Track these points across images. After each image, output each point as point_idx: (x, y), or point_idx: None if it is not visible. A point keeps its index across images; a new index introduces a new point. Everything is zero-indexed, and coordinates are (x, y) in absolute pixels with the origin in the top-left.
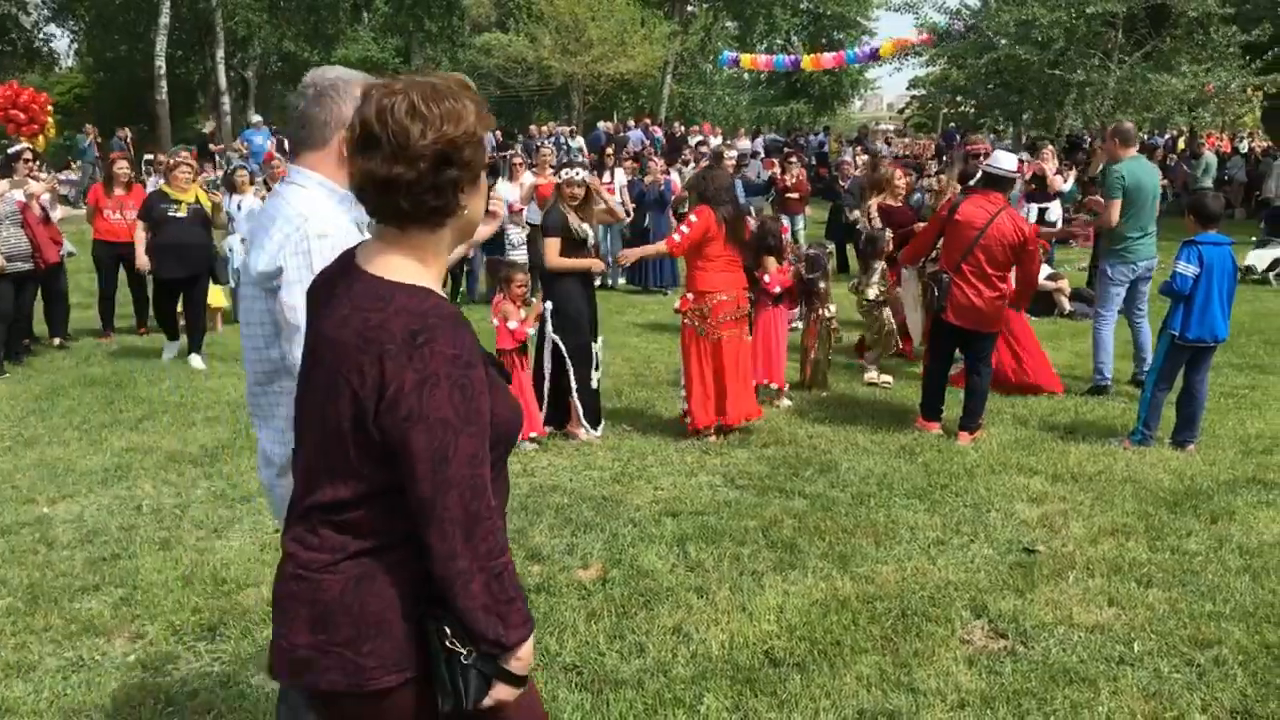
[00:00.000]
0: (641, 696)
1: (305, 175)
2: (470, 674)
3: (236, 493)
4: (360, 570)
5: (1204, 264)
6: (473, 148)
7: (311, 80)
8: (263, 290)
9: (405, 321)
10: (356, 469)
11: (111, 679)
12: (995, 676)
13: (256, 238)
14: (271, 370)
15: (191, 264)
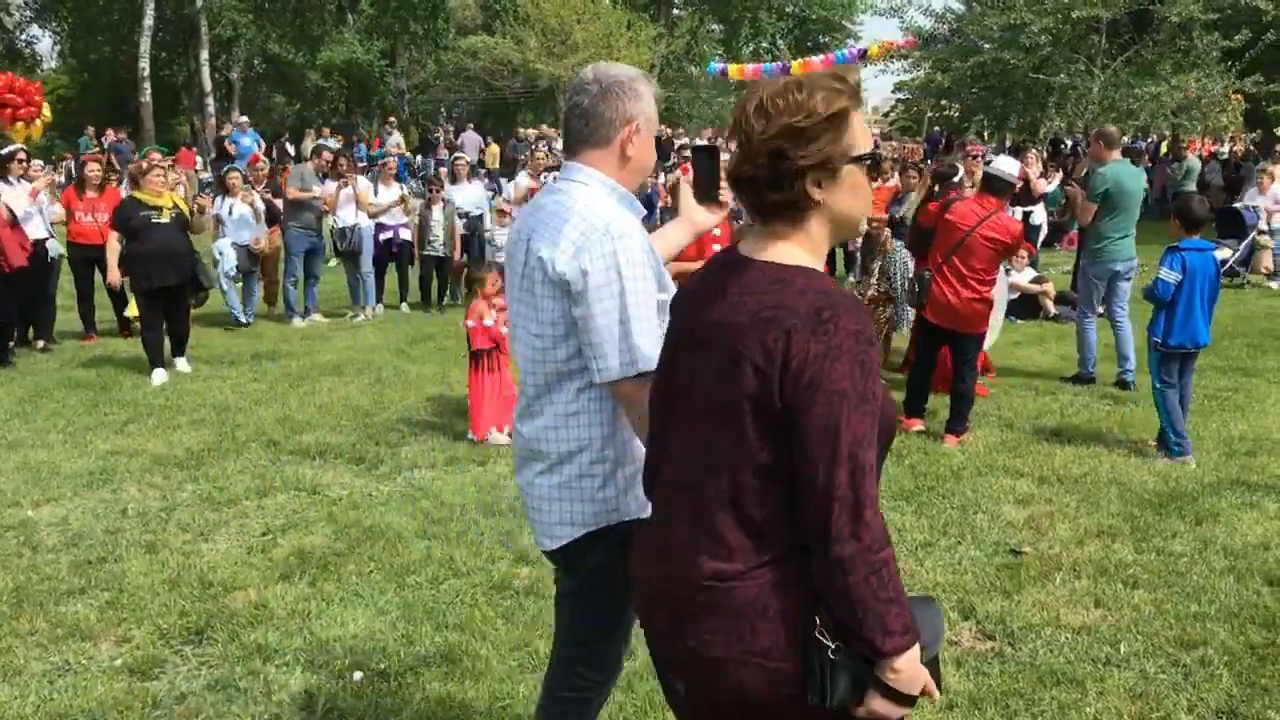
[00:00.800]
0: (631, 699)
1: (587, 173)
2: (837, 671)
3: (223, 496)
4: (775, 576)
5: (1186, 270)
6: (818, 139)
7: (595, 76)
8: (557, 290)
9: (810, 300)
10: (753, 452)
11: (98, 683)
12: (983, 678)
13: (543, 235)
14: (556, 371)
15: (182, 270)
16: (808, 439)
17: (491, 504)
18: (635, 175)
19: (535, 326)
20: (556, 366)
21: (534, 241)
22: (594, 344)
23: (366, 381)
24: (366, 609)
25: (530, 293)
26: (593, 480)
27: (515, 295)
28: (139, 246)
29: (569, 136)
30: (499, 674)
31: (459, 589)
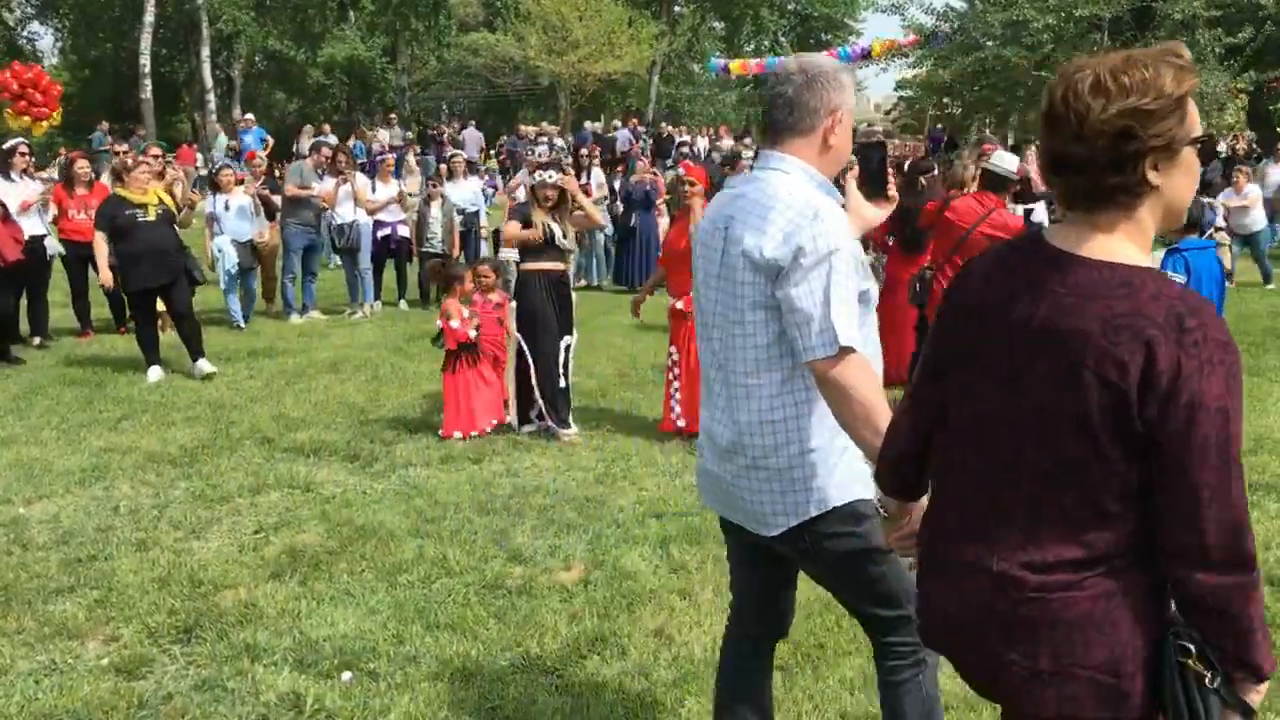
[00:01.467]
0: (622, 700)
1: (788, 161)
2: (1211, 700)
3: (215, 493)
4: (1109, 587)
5: (1190, 272)
6: (1166, 119)
7: (800, 66)
8: (762, 276)
9: (1167, 306)
10: (1091, 463)
11: (84, 682)
12: None
13: (746, 223)
14: (760, 359)
15: (171, 268)
16: (1189, 459)
17: (486, 502)
18: (834, 164)
19: (736, 314)
20: (760, 354)
21: (735, 229)
22: (798, 324)
23: (363, 379)
24: (357, 608)
25: (730, 280)
26: (804, 470)
27: (712, 284)
28: (126, 246)
29: (771, 125)
30: (489, 675)
31: (451, 588)
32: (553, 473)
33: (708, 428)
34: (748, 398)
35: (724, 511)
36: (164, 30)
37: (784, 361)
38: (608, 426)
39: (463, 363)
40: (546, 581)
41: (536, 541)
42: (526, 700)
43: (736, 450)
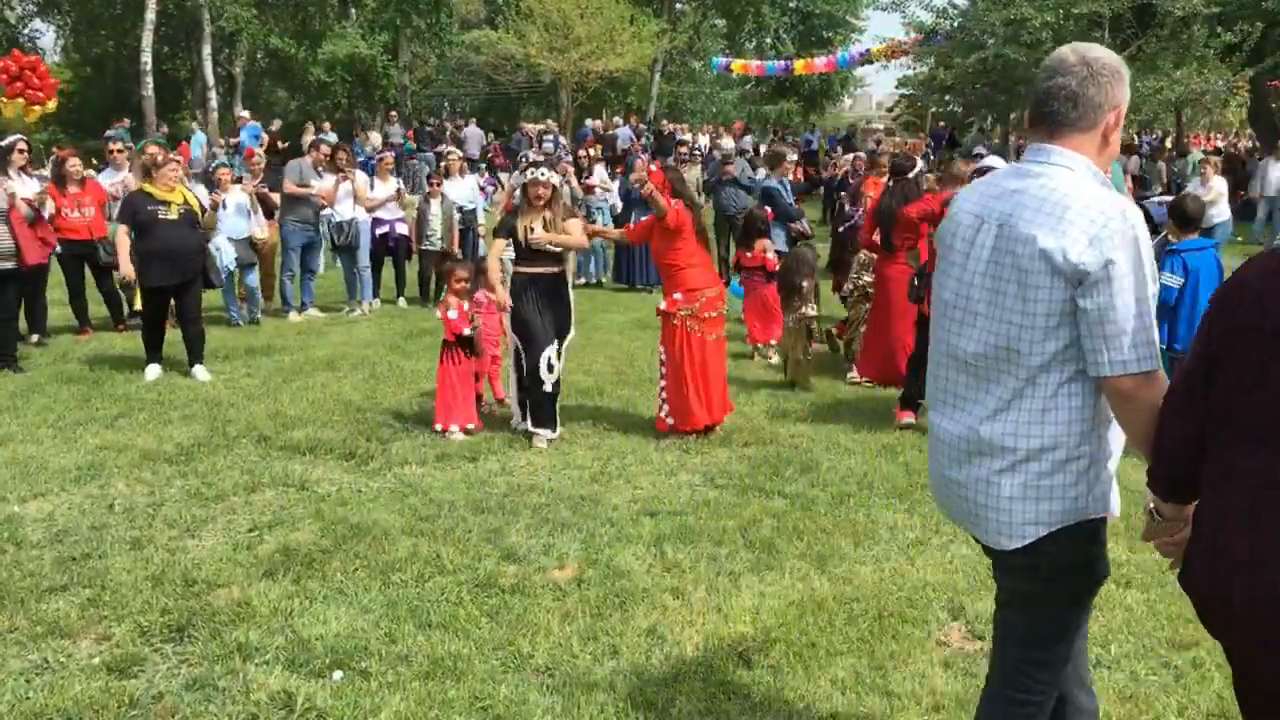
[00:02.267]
0: (613, 699)
1: (1070, 156)
2: None
3: (211, 491)
4: None
5: (1188, 271)
6: None
7: (1081, 59)
8: (1060, 279)
9: None
10: None
11: (75, 682)
12: (971, 679)
13: (1035, 222)
14: (1039, 364)
15: (186, 269)
16: None
17: (481, 501)
18: (1108, 161)
19: (1016, 315)
20: (1042, 359)
21: (1018, 227)
22: (1108, 335)
23: (360, 377)
24: (350, 607)
25: (1008, 279)
26: (1064, 477)
27: (974, 281)
28: (144, 243)
29: (1049, 118)
30: (480, 674)
31: (444, 587)
32: (548, 471)
33: (945, 430)
34: (1017, 398)
35: (959, 521)
36: (165, 28)
37: (1066, 366)
38: (604, 425)
39: (458, 355)
40: (540, 580)
41: (530, 540)
42: (517, 699)
43: (988, 453)
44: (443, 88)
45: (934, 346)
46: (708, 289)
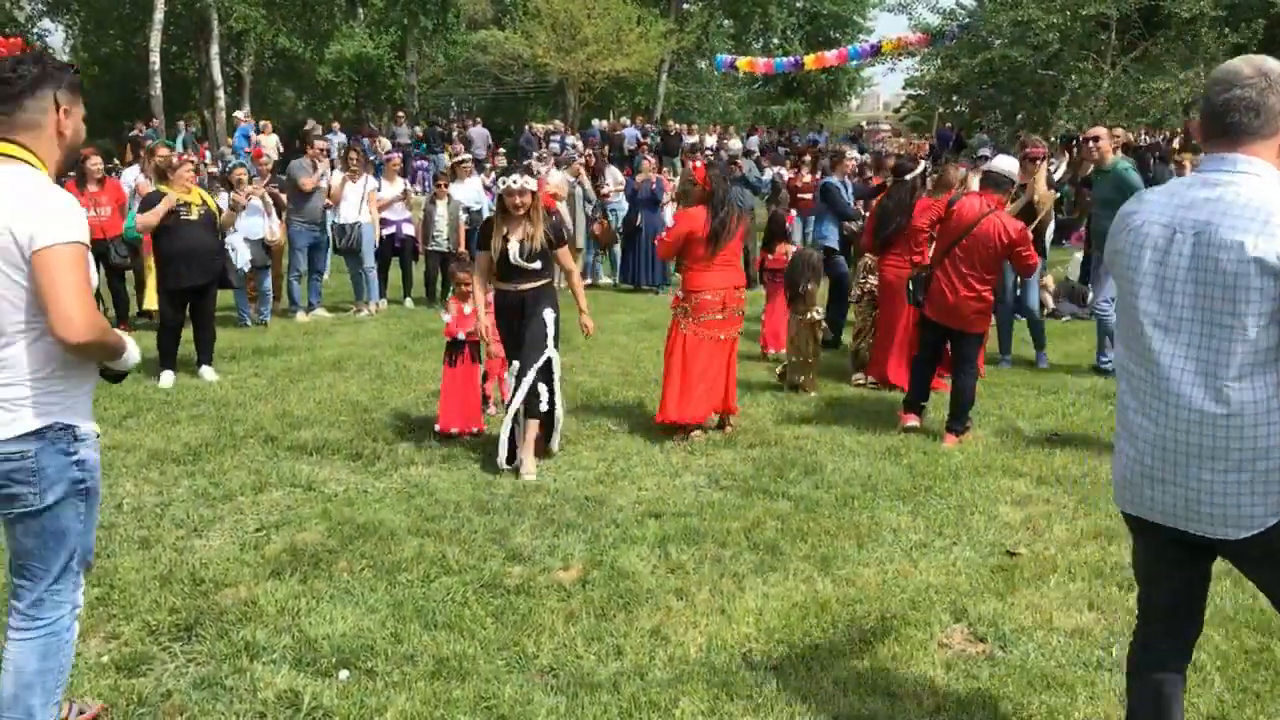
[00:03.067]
0: (617, 700)
1: (1256, 163)
2: None
3: (218, 491)
4: None
5: None
6: None
7: (1258, 70)
8: (1273, 282)
9: None
10: None
11: (84, 680)
12: (972, 681)
13: (1238, 228)
14: (1262, 361)
15: (209, 270)
16: None
17: (486, 501)
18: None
19: (1228, 318)
20: (1257, 357)
21: (1220, 234)
22: None
23: (367, 377)
24: (356, 607)
25: (1217, 284)
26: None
27: (1175, 288)
28: (168, 244)
29: (1231, 128)
30: (485, 674)
31: (450, 587)
32: (553, 472)
33: (1156, 435)
34: (1237, 401)
35: (1173, 518)
36: (174, 27)
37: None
38: (609, 426)
39: (464, 357)
40: (545, 581)
41: (535, 541)
42: (522, 699)
43: (1213, 455)
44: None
45: (1128, 353)
46: (706, 291)
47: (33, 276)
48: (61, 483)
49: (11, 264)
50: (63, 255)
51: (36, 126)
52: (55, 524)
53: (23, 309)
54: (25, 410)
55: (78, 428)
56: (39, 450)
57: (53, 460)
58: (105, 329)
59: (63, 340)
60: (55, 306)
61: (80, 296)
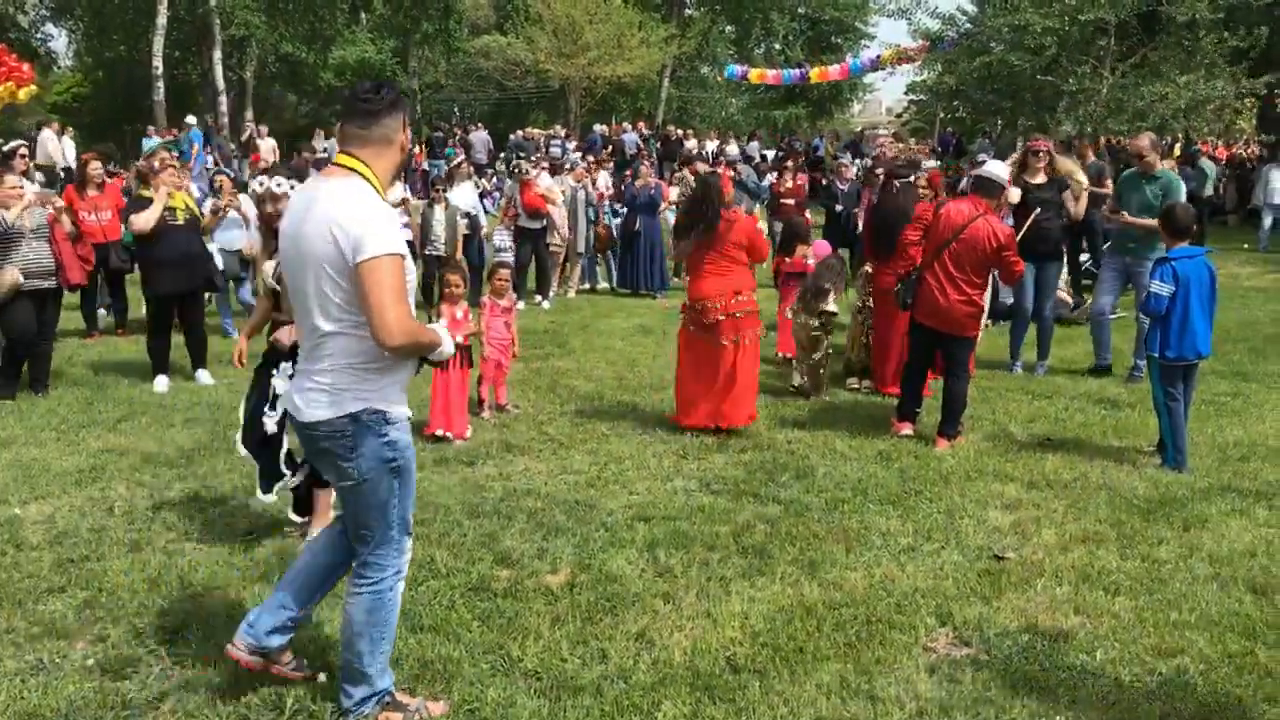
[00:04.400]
0: (599, 704)
1: None
2: None
3: (210, 495)
4: None
5: (1179, 280)
6: None
7: None
8: None
9: None
10: None
11: (69, 683)
12: (955, 685)
13: None
14: None
15: (197, 276)
16: None
17: (476, 505)
18: None
19: None
20: None
21: None
22: None
23: None
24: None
25: None
26: None
27: None
28: (156, 250)
29: None
30: (469, 677)
31: (437, 590)
32: (545, 476)
33: None
34: None
35: None
36: (176, 33)
37: None
38: (603, 430)
39: (453, 362)
40: (532, 585)
41: (524, 544)
42: (505, 703)
43: None
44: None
45: None
46: (710, 299)
47: (356, 283)
48: (375, 460)
49: (336, 269)
50: (383, 267)
51: (387, 142)
52: (375, 497)
53: (345, 308)
54: (346, 395)
55: (389, 413)
56: (355, 431)
57: (367, 441)
58: (419, 331)
59: (382, 344)
60: (375, 314)
61: (398, 305)
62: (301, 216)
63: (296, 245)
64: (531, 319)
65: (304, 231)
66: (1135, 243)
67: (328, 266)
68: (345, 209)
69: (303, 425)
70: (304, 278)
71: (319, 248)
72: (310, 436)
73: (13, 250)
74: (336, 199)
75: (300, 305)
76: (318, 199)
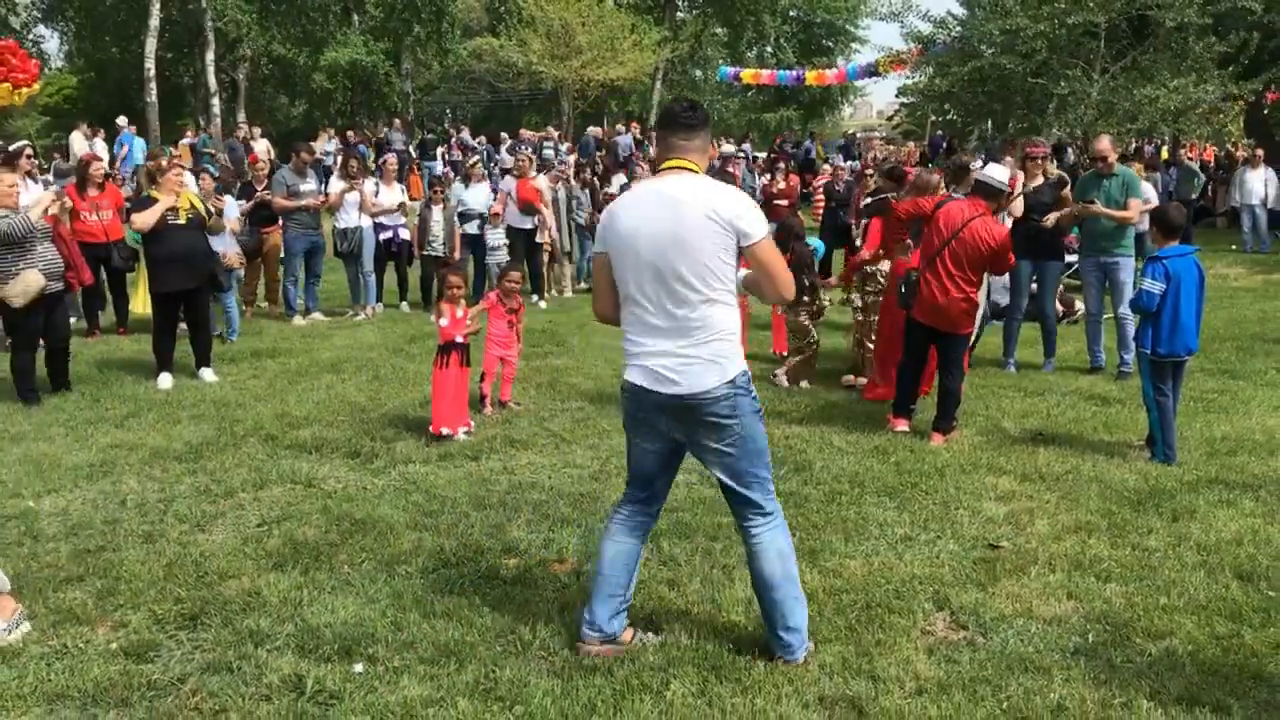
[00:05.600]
0: (610, 682)
1: None
2: None
3: (220, 488)
4: None
5: (1170, 278)
6: None
7: None
8: None
9: None
10: None
11: (94, 665)
12: (953, 665)
13: None
14: None
15: (199, 274)
16: None
17: (483, 497)
18: None
19: None
20: None
21: None
22: None
23: (365, 379)
24: (357, 597)
25: None
26: None
27: None
28: (157, 248)
29: None
30: (484, 659)
31: (448, 578)
32: (549, 470)
33: None
34: None
35: None
36: (169, 34)
37: None
38: (603, 426)
39: (453, 360)
40: (540, 573)
41: (531, 535)
42: (519, 682)
43: None
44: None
45: None
46: None
47: (751, 258)
48: (750, 413)
49: (724, 248)
50: (769, 245)
51: (702, 152)
52: (755, 444)
53: (724, 283)
54: (728, 363)
55: (747, 370)
56: (734, 393)
57: (742, 399)
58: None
59: (781, 300)
60: (774, 283)
61: (786, 273)
62: (655, 212)
63: (660, 235)
64: (530, 318)
65: (678, 220)
66: (1106, 239)
67: (712, 246)
68: (723, 198)
69: (682, 397)
70: (673, 261)
71: (701, 231)
72: (690, 407)
73: (31, 252)
74: (708, 190)
75: (660, 289)
76: (676, 194)
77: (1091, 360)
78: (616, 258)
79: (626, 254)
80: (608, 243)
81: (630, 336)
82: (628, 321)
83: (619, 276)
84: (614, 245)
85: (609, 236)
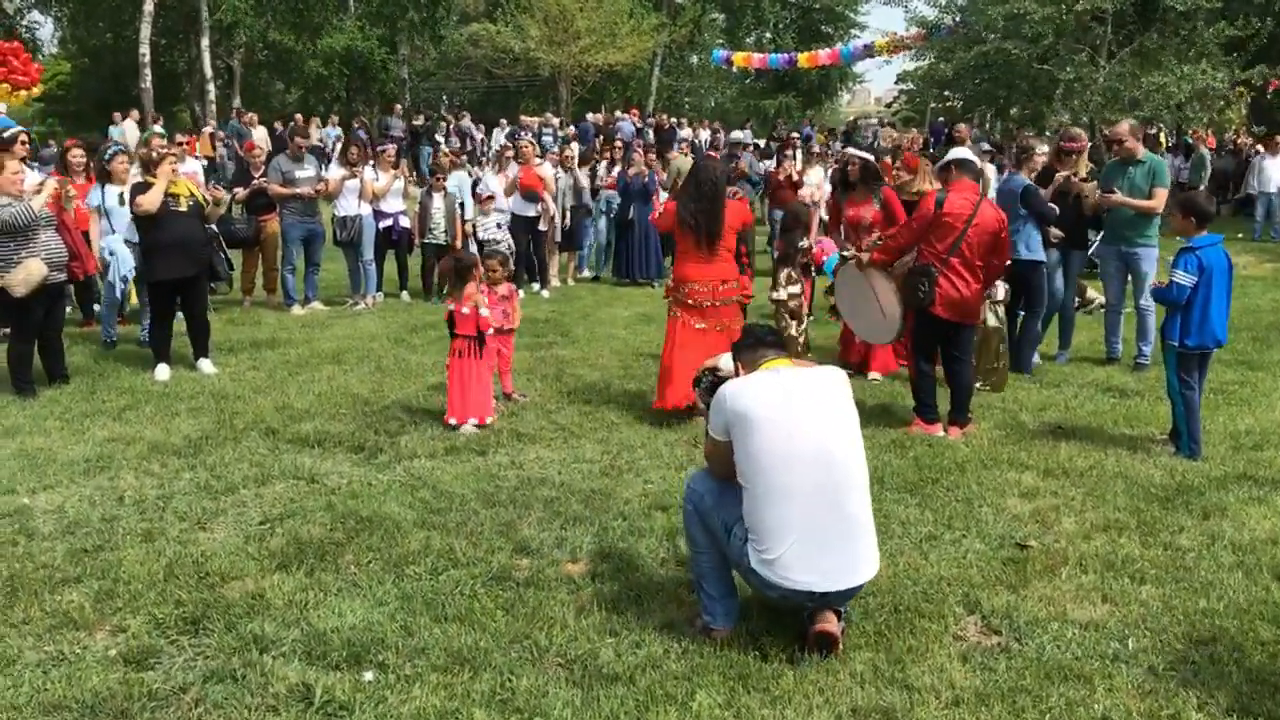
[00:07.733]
0: (633, 692)
1: None
2: None
3: (220, 484)
4: None
5: (1204, 269)
6: None
7: None
8: None
9: None
10: None
11: (93, 673)
12: (990, 673)
13: None
14: None
15: (197, 261)
16: None
17: (492, 494)
18: None
19: None
20: None
21: None
22: None
23: (366, 370)
24: (364, 600)
25: None
26: None
27: None
28: (155, 235)
29: None
30: (500, 666)
31: (458, 580)
32: (558, 465)
33: None
34: None
35: None
36: (164, 19)
37: None
38: (612, 419)
39: (469, 350)
40: (554, 574)
41: (543, 534)
42: (538, 692)
43: None
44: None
45: None
46: (695, 281)
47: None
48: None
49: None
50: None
51: None
52: None
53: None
54: None
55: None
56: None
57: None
58: None
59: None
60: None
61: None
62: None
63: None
64: (533, 308)
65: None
66: (1128, 228)
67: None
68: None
69: None
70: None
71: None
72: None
73: (33, 240)
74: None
75: None
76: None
77: (1108, 351)
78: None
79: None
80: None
81: None
82: None
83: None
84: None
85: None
